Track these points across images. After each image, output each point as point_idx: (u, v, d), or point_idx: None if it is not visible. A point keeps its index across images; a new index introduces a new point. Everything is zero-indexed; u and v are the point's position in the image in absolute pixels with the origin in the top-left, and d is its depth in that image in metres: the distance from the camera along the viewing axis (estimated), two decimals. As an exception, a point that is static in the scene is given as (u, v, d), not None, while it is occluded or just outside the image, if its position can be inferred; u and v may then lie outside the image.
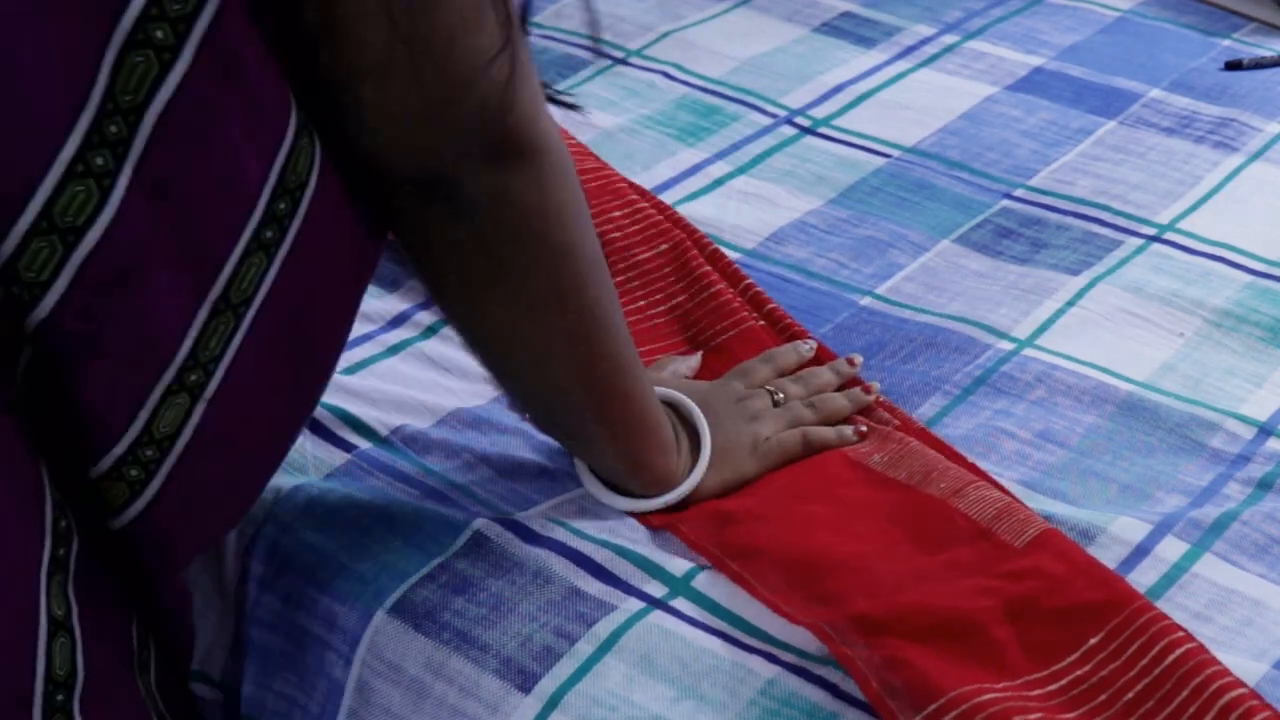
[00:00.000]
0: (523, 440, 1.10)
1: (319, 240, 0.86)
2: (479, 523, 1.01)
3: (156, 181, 0.79)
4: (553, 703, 0.92)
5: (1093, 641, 0.93)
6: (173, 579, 0.92)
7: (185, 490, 0.87)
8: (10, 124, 0.75)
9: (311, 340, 0.91)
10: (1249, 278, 1.28)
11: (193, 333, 0.83)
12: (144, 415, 0.84)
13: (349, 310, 0.93)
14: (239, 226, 0.82)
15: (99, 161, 0.77)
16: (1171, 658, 0.91)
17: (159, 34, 0.76)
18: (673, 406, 1.07)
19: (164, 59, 0.77)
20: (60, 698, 0.84)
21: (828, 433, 1.09)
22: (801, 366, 1.15)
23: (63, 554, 0.83)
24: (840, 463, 1.07)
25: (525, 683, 0.93)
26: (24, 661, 0.82)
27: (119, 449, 0.84)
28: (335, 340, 0.93)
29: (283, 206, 0.83)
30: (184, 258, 0.82)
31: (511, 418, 1.12)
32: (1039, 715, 0.88)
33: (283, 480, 1.05)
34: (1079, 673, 0.92)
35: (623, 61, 1.56)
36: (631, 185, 1.31)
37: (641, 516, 1.04)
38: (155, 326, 0.82)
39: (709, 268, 1.23)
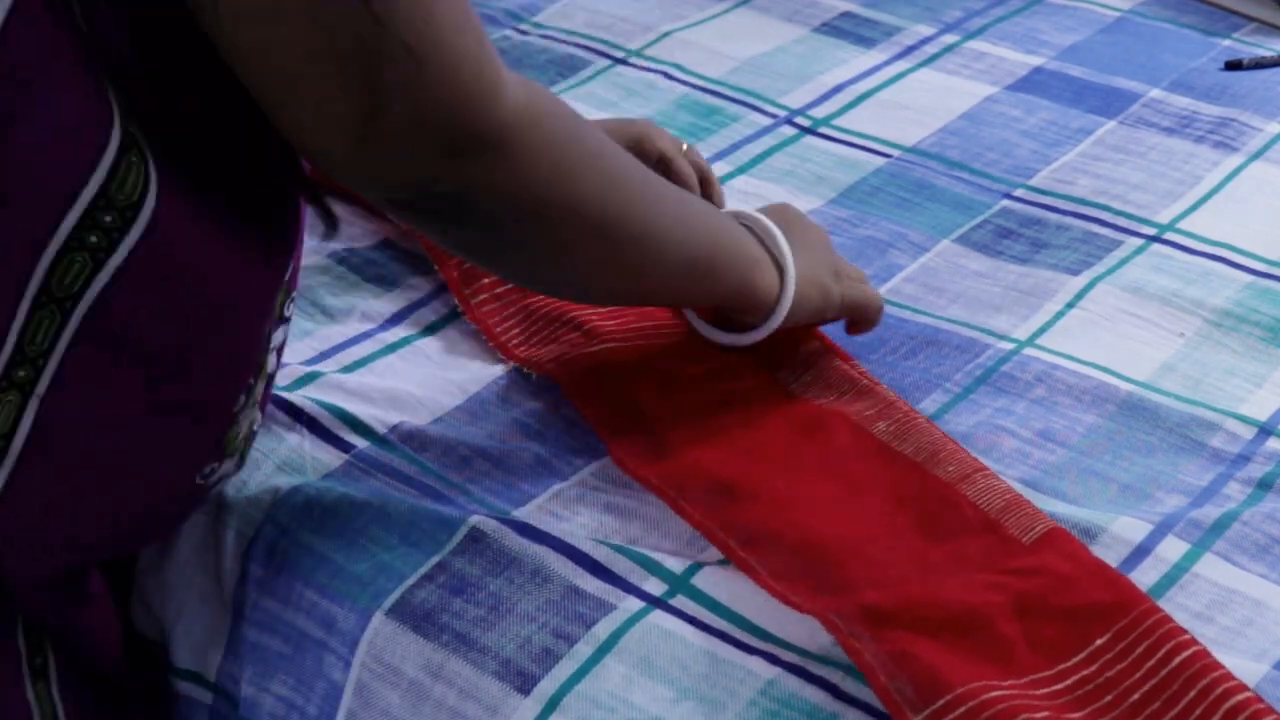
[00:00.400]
0: (519, 430, 1.10)
1: (172, 262, 0.85)
2: (475, 519, 1.01)
3: None
4: (552, 704, 0.92)
5: (1099, 642, 0.93)
6: (80, 583, 0.92)
7: (39, 494, 0.87)
8: None
9: (182, 364, 0.89)
10: (1249, 278, 1.28)
11: (16, 326, 0.83)
12: None
13: (239, 340, 0.91)
14: (49, 225, 0.82)
15: None
16: (1178, 660, 0.90)
17: None
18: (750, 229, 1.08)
19: None
20: None
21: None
22: None
23: None
24: (844, 429, 1.07)
25: (524, 684, 0.93)
26: None
27: None
28: (220, 369, 0.91)
29: (109, 219, 0.82)
30: None
31: (509, 408, 1.12)
32: (1045, 714, 0.88)
33: (281, 481, 1.05)
34: (1085, 673, 0.91)
35: (623, 61, 1.56)
36: None
37: (640, 475, 1.04)
38: None
39: None
